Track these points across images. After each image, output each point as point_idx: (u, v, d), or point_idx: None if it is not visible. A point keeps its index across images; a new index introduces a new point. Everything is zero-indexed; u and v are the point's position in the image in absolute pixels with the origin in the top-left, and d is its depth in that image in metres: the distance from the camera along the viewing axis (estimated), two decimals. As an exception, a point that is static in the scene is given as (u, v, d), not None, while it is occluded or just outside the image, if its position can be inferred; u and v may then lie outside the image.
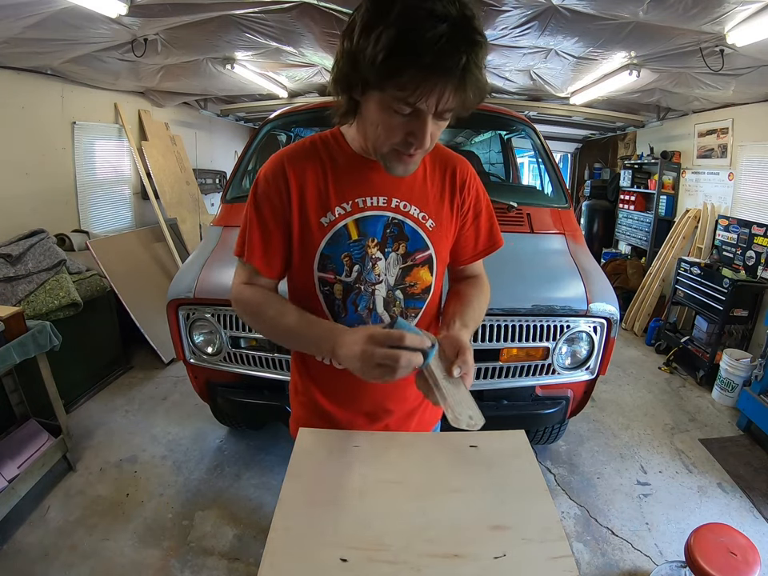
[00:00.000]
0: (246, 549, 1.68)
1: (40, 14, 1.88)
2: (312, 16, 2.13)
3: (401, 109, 0.63)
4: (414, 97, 0.60)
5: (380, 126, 0.67)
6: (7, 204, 2.62)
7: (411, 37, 0.57)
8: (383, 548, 0.57)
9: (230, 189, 2.25)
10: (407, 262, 0.83)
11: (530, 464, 0.72)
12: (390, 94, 0.62)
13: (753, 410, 2.39)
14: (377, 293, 0.82)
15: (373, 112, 0.67)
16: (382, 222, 0.80)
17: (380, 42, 0.58)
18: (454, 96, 0.61)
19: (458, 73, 0.58)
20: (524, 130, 2.50)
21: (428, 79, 0.59)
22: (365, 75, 0.62)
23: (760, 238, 3.00)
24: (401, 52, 0.58)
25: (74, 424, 2.26)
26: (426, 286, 0.85)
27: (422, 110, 0.63)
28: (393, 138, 0.68)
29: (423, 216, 0.82)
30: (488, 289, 0.93)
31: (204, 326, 1.69)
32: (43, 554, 1.61)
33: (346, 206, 0.79)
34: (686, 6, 1.73)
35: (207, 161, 4.97)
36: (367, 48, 0.60)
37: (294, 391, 0.97)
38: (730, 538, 1.39)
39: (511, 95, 3.81)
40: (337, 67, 0.68)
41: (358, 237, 0.80)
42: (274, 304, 0.80)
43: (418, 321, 0.87)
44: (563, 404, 1.75)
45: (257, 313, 0.81)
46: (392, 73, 0.59)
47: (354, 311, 0.83)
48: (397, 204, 0.80)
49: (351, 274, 0.81)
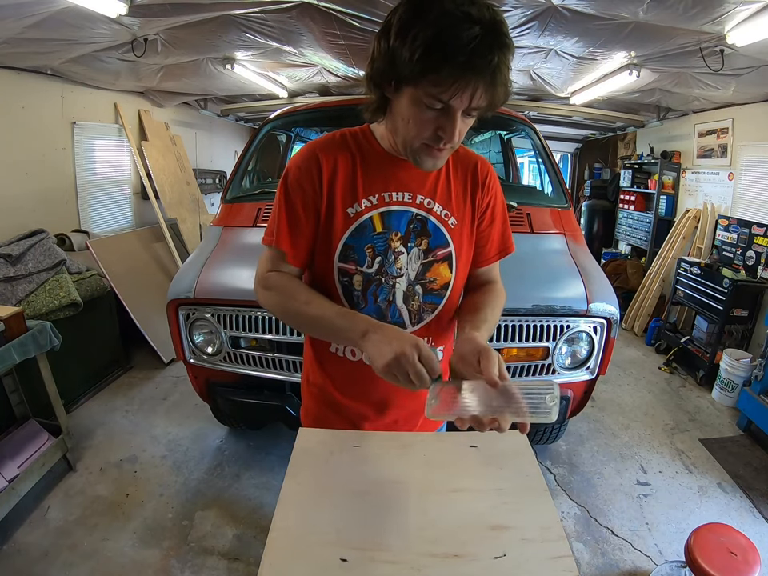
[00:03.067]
0: (246, 549, 1.68)
1: (40, 14, 1.88)
2: (312, 16, 2.13)
3: (433, 104, 0.66)
4: (448, 93, 0.64)
5: (411, 120, 0.70)
6: (7, 204, 2.62)
7: (448, 36, 0.61)
8: (383, 548, 0.57)
9: (230, 189, 2.25)
10: (428, 257, 0.84)
11: (530, 464, 0.72)
12: (423, 90, 0.65)
13: (753, 410, 2.39)
14: (397, 286, 0.84)
15: (405, 107, 0.70)
16: (407, 217, 0.82)
17: (418, 40, 0.62)
18: (485, 94, 0.65)
19: (489, 72, 0.63)
20: (524, 130, 2.50)
21: (462, 77, 0.62)
22: (401, 72, 0.66)
23: (760, 237, 3.00)
24: (438, 50, 0.61)
25: (74, 424, 2.26)
26: (445, 282, 0.87)
27: (453, 106, 0.66)
28: (424, 133, 0.70)
29: (446, 214, 0.84)
30: (503, 296, 0.92)
31: (204, 326, 1.69)
32: (43, 553, 1.61)
33: (372, 199, 0.81)
34: (685, 6, 1.73)
35: (207, 161, 4.97)
36: (405, 46, 0.64)
37: (306, 382, 0.98)
38: (729, 537, 1.39)
39: (511, 95, 3.80)
40: (372, 65, 0.71)
41: (383, 229, 0.82)
42: (302, 290, 0.81)
43: (434, 318, 0.88)
44: (563, 404, 1.75)
45: (284, 298, 0.81)
46: (428, 69, 0.63)
47: (373, 302, 0.84)
48: (421, 201, 0.83)
49: (373, 265, 0.82)
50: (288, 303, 0.81)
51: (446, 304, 0.88)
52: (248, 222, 1.97)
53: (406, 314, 0.86)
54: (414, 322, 0.87)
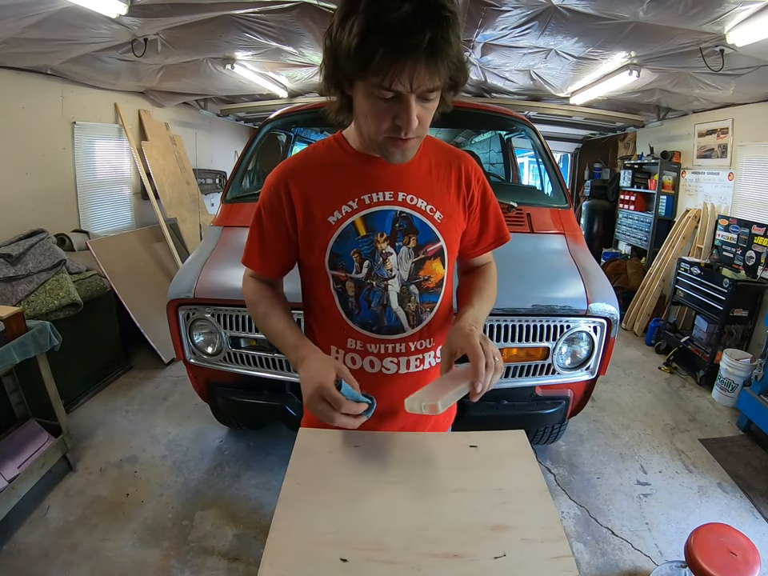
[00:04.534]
0: (246, 549, 1.68)
1: (40, 14, 1.88)
2: (312, 16, 2.13)
3: (382, 94, 0.64)
4: (387, 79, 0.61)
5: (369, 114, 0.69)
6: (7, 204, 2.62)
7: (378, 20, 0.59)
8: (383, 548, 0.57)
9: (230, 189, 2.25)
10: (419, 255, 0.83)
11: (530, 464, 0.72)
12: (370, 82, 0.64)
13: (753, 410, 2.39)
14: (390, 288, 0.83)
15: (361, 103, 0.69)
16: (390, 217, 0.81)
17: (352, 30, 0.60)
18: (426, 73, 0.62)
19: (424, 49, 0.59)
20: (524, 129, 2.50)
21: (397, 59, 0.60)
22: (345, 67, 0.64)
23: (760, 237, 3.00)
24: (370, 37, 0.59)
25: (74, 424, 2.26)
26: (440, 279, 0.86)
27: (402, 92, 0.63)
28: (383, 125, 0.69)
29: (431, 208, 0.83)
30: (495, 274, 0.96)
31: (204, 326, 1.69)
32: (43, 553, 1.61)
33: (352, 204, 0.80)
34: (685, 5, 1.73)
35: (207, 161, 4.97)
36: (343, 40, 0.62)
37: None
38: (729, 537, 1.39)
39: (511, 95, 3.81)
40: (323, 66, 0.70)
41: (366, 233, 0.80)
42: (263, 304, 0.86)
43: (433, 317, 0.87)
44: (563, 404, 1.75)
45: (250, 307, 0.89)
46: (365, 59, 0.61)
47: (367, 307, 0.83)
48: (404, 198, 0.81)
49: (362, 270, 0.82)
50: (252, 312, 0.89)
51: (442, 300, 0.88)
52: (248, 222, 1.92)
53: (404, 317, 0.85)
54: (413, 324, 0.86)
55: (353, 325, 0.85)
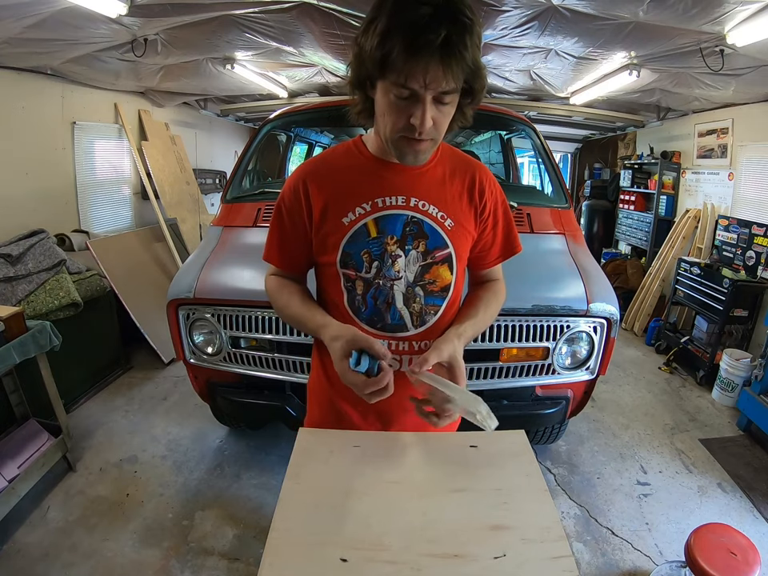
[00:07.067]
0: (246, 549, 1.68)
1: (40, 13, 1.87)
2: (312, 16, 2.13)
3: (399, 92, 0.67)
4: (403, 76, 0.65)
5: (386, 113, 0.72)
6: (7, 204, 2.62)
7: (398, 21, 0.63)
8: (383, 548, 0.57)
9: (230, 189, 2.25)
10: (427, 259, 0.85)
11: (530, 464, 0.72)
12: (389, 80, 0.67)
13: (753, 410, 2.39)
14: (395, 288, 0.85)
15: (380, 102, 0.72)
16: (402, 221, 0.83)
17: (375, 31, 0.65)
18: (440, 71, 0.64)
19: (438, 47, 0.62)
20: (524, 130, 2.50)
21: (413, 57, 0.63)
22: (368, 66, 0.67)
23: (760, 238, 3.00)
24: (391, 36, 0.63)
25: (74, 424, 2.26)
26: (446, 284, 0.87)
27: (418, 91, 0.66)
28: (398, 123, 0.71)
29: (442, 215, 0.85)
30: (502, 294, 0.96)
31: (204, 326, 1.69)
32: (43, 554, 1.61)
33: (366, 206, 0.83)
34: (685, 6, 1.73)
35: (207, 161, 4.97)
36: (368, 41, 0.66)
37: (312, 390, 1.00)
38: (729, 537, 1.39)
39: (511, 95, 3.81)
40: (350, 68, 0.73)
41: (377, 234, 0.83)
42: (283, 294, 0.90)
43: (437, 320, 0.88)
44: (563, 404, 1.75)
45: (273, 301, 0.92)
46: (384, 56, 0.64)
47: (373, 305, 0.86)
48: (416, 203, 0.83)
49: (371, 270, 0.84)
50: (274, 305, 0.92)
51: (447, 306, 0.88)
52: (248, 222, 1.97)
53: (408, 316, 0.86)
54: (416, 325, 0.87)
55: (359, 321, 0.87)
